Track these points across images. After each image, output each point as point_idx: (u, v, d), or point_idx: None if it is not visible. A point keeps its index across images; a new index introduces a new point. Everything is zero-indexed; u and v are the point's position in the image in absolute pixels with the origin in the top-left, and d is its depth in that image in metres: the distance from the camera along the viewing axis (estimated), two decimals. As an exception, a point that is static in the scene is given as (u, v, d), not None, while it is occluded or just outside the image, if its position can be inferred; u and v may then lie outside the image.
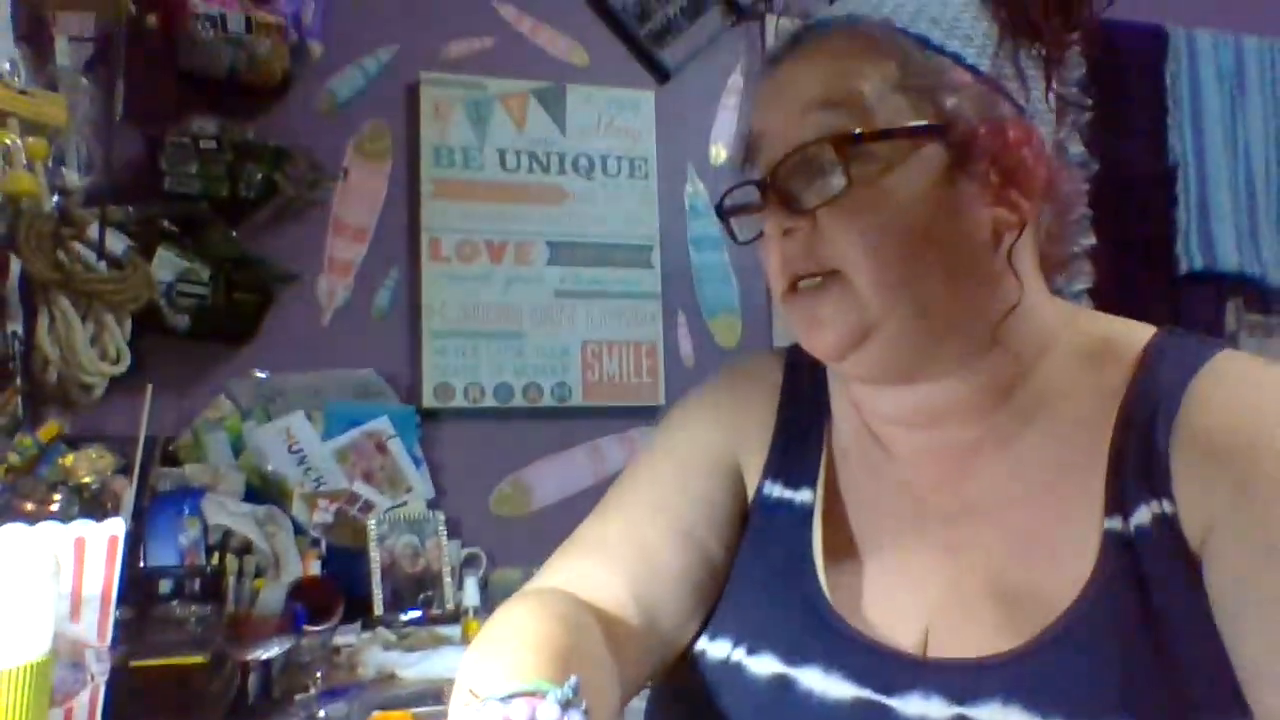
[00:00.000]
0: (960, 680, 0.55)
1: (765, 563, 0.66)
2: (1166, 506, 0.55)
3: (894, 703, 0.57)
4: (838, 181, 0.58)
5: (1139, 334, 0.63)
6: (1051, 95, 0.63)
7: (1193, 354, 0.59)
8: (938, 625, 0.59)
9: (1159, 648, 0.52)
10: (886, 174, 0.58)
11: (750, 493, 0.70)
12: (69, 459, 1.24)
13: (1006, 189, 0.59)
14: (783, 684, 0.60)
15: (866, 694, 0.58)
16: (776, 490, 0.69)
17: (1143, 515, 0.55)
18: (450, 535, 1.82)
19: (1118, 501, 0.56)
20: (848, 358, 0.61)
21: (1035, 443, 0.61)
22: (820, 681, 0.59)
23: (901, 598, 0.62)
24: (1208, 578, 0.53)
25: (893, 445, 0.66)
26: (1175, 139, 2.48)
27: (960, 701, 0.54)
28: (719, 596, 0.67)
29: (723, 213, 0.68)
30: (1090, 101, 0.68)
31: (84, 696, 0.76)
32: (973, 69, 0.59)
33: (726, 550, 0.68)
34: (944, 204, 0.58)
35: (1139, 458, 0.57)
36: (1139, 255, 2.41)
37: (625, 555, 0.66)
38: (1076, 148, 0.68)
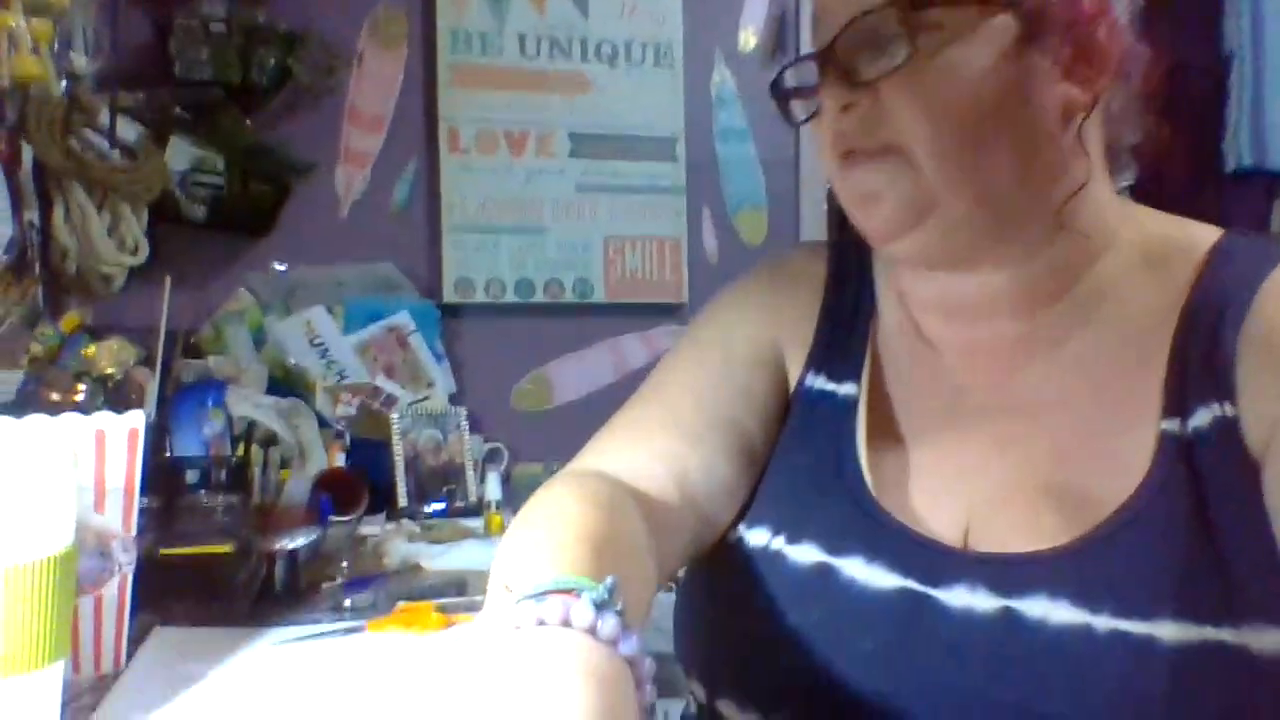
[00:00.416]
0: (1006, 573, 0.54)
1: (806, 454, 0.65)
2: (1228, 409, 0.53)
3: (938, 593, 0.56)
4: (901, 52, 0.54)
5: (1203, 235, 0.61)
6: None
7: (1261, 256, 0.57)
8: (980, 519, 0.58)
9: (1212, 550, 0.51)
10: (953, 45, 0.54)
11: (792, 384, 0.69)
12: (91, 349, 1.24)
13: (1078, 65, 0.56)
14: (824, 572, 0.59)
15: (910, 584, 0.57)
16: (819, 382, 0.67)
17: (1202, 418, 0.54)
18: (472, 430, 1.84)
19: (1177, 403, 0.55)
20: (903, 238, 0.58)
21: (1090, 342, 0.59)
22: (863, 571, 0.58)
23: (945, 491, 0.60)
24: (1267, 475, 0.51)
25: (939, 339, 0.65)
26: (1231, 27, 2.34)
27: (1006, 594, 0.54)
28: (758, 484, 0.66)
29: (779, 92, 0.63)
30: None
31: (112, 585, 0.78)
32: None
33: (767, 439, 0.67)
34: (1013, 79, 0.55)
35: (1202, 359, 0.55)
36: (1184, 149, 2.31)
37: (664, 437, 0.64)
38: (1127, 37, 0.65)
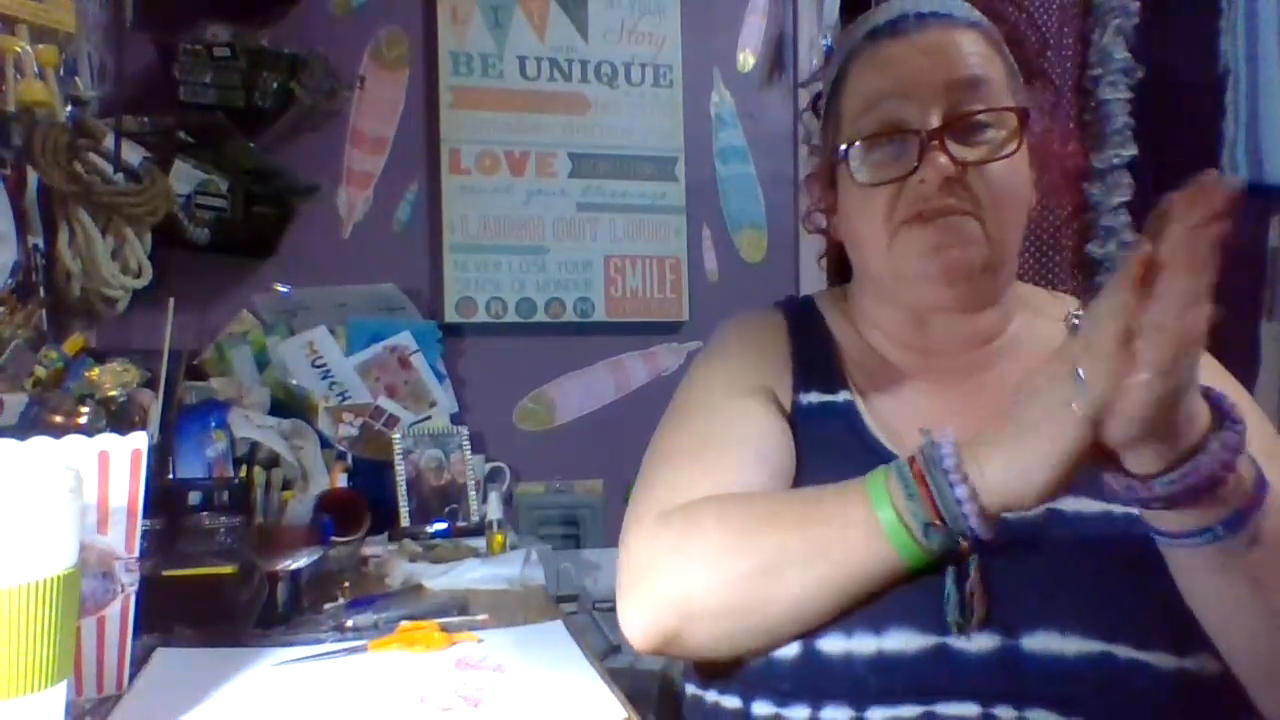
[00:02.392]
0: None
1: (826, 446, 0.77)
2: None
3: None
4: (1010, 144, 0.75)
5: (1060, 304, 0.86)
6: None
7: None
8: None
9: None
10: (1016, 143, 0.76)
11: (788, 408, 0.81)
12: (94, 372, 1.24)
13: (1035, 174, 0.80)
14: None
15: None
16: (813, 397, 0.81)
17: None
18: (474, 450, 1.84)
19: None
20: (960, 284, 0.76)
21: (1008, 369, 0.80)
22: None
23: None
24: None
25: (900, 364, 0.83)
26: (1226, 43, 2.36)
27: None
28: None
29: (848, 151, 0.79)
30: (1137, 4, 0.85)
31: (115, 606, 0.78)
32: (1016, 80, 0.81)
33: (792, 457, 0.78)
34: (1028, 177, 0.79)
35: None
36: (1181, 166, 2.32)
37: (721, 472, 0.74)
38: (1121, 53, 0.84)
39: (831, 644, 0.66)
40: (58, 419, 1.15)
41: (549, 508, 2.04)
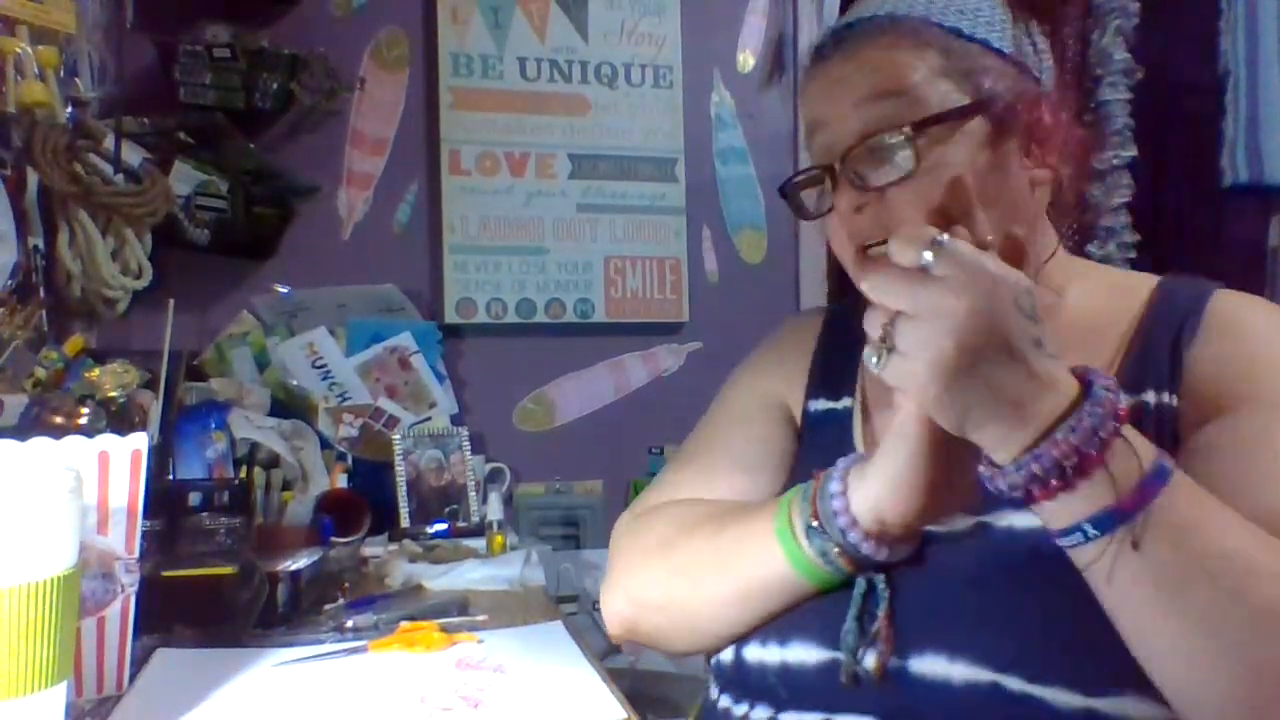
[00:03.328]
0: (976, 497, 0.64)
1: (820, 453, 0.77)
2: (1173, 400, 0.65)
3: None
4: (907, 164, 0.68)
5: (1146, 277, 0.76)
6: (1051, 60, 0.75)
7: (1198, 285, 0.72)
8: None
9: None
10: (940, 147, 0.68)
11: (798, 416, 0.82)
12: (94, 373, 1.24)
13: (1036, 149, 0.71)
14: None
15: None
16: (820, 404, 0.81)
17: (1150, 396, 0.66)
18: (474, 450, 1.84)
19: (1130, 383, 0.66)
20: None
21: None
22: None
23: None
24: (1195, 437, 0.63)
25: None
26: (1226, 44, 2.36)
27: (979, 513, 0.65)
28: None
29: (790, 189, 0.77)
30: (1137, 4, 0.83)
31: (115, 606, 0.78)
32: (998, 51, 0.71)
33: (787, 466, 0.80)
34: (991, 167, 0.69)
35: (1157, 353, 0.68)
36: (1181, 166, 2.32)
37: (717, 474, 0.78)
38: (1121, 54, 0.80)
39: (751, 652, 0.70)
40: (58, 420, 1.15)
41: (549, 508, 2.04)
